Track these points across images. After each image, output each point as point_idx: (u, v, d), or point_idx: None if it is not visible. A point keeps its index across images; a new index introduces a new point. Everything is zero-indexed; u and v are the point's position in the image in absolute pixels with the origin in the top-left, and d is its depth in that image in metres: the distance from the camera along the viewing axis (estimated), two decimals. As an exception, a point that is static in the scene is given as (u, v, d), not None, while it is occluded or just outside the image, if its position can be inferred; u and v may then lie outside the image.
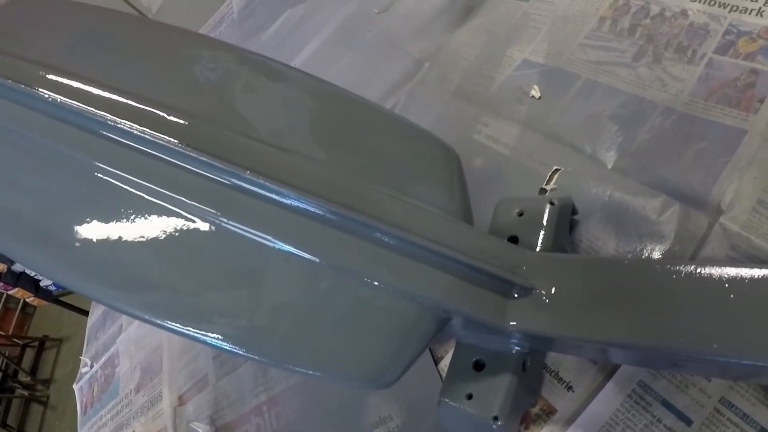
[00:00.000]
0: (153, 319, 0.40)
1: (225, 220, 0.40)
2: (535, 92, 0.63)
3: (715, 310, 0.31)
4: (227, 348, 0.39)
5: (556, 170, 0.56)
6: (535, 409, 0.47)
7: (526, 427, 0.47)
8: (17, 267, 3.21)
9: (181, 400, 0.82)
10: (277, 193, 0.40)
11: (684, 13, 0.59)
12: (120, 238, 0.40)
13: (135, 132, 0.41)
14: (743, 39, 0.54)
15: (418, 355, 0.39)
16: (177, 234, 0.40)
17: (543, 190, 0.55)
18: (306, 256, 0.39)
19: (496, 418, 0.40)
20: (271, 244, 0.40)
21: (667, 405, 0.43)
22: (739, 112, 0.51)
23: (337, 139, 0.47)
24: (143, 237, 0.40)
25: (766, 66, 0.52)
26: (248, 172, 0.39)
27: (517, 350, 0.42)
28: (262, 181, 0.40)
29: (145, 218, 0.41)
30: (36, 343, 3.73)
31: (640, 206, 0.50)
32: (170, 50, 0.51)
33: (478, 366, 0.43)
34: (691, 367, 0.34)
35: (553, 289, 0.38)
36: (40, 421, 3.51)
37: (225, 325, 0.39)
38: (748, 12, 0.55)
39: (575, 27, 0.66)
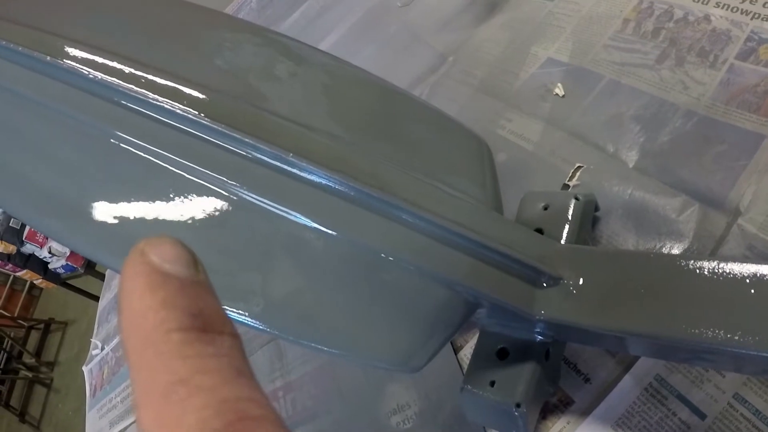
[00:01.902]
0: None
1: (252, 195, 0.39)
2: (559, 90, 0.64)
3: (737, 304, 0.32)
4: (247, 322, 0.37)
5: (579, 167, 0.57)
6: (553, 400, 0.48)
7: (544, 417, 0.48)
8: (26, 249, 3.23)
9: (196, 383, 0.82)
10: (308, 171, 0.40)
11: (707, 18, 0.60)
12: (146, 210, 0.40)
13: (163, 105, 0.41)
14: (764, 46, 0.55)
15: (447, 340, 0.40)
16: (198, 205, 0.39)
17: (566, 186, 0.56)
18: (334, 234, 0.39)
19: (518, 405, 0.41)
20: (296, 220, 0.39)
21: (682, 399, 0.44)
22: (758, 118, 0.52)
23: (366, 121, 0.47)
24: (164, 208, 0.39)
25: (786, 73, 0.53)
26: (291, 155, 0.38)
27: (540, 339, 0.43)
28: (293, 159, 0.39)
29: (163, 189, 0.40)
30: (41, 326, 3.73)
31: (660, 205, 0.52)
32: (195, 28, 0.50)
33: (502, 354, 0.44)
34: (710, 359, 0.35)
35: (581, 280, 0.39)
36: (44, 403, 3.52)
37: (245, 299, 0.38)
38: (769, 20, 0.56)
39: (600, 28, 0.67)
